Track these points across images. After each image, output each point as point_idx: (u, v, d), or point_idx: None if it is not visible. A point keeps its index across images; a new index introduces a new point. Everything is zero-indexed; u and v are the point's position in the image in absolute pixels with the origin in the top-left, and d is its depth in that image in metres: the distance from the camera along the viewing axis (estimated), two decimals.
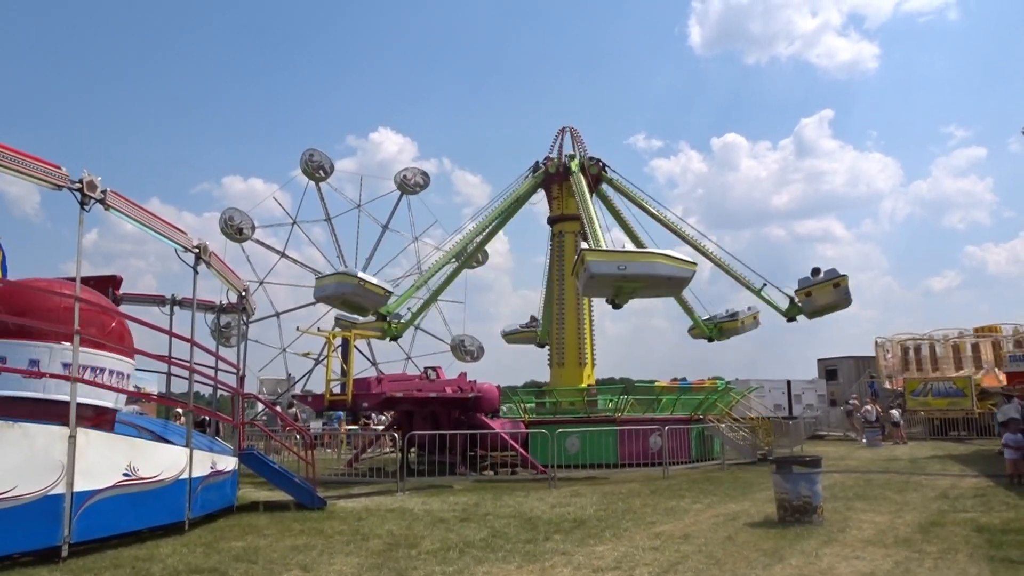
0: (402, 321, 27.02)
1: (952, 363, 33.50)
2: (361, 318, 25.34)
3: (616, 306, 21.12)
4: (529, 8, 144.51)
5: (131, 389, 21.12)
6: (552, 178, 25.93)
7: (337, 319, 29.46)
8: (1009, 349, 30.60)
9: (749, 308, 28.01)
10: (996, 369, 31.07)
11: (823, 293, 22.59)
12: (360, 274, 21.49)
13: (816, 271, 23.09)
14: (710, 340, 28.12)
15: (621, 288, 19.21)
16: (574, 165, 25.34)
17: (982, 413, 29.07)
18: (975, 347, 33.51)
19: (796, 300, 23.40)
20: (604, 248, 19.74)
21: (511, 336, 33.43)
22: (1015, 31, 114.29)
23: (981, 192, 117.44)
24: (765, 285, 24.50)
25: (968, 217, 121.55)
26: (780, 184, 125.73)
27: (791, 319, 23.88)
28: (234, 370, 13.39)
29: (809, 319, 23.69)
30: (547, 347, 27.72)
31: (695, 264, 19.67)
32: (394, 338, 27.52)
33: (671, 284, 19.46)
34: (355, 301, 21.91)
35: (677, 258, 19.34)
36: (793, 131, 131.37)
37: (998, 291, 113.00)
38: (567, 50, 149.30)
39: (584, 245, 19.67)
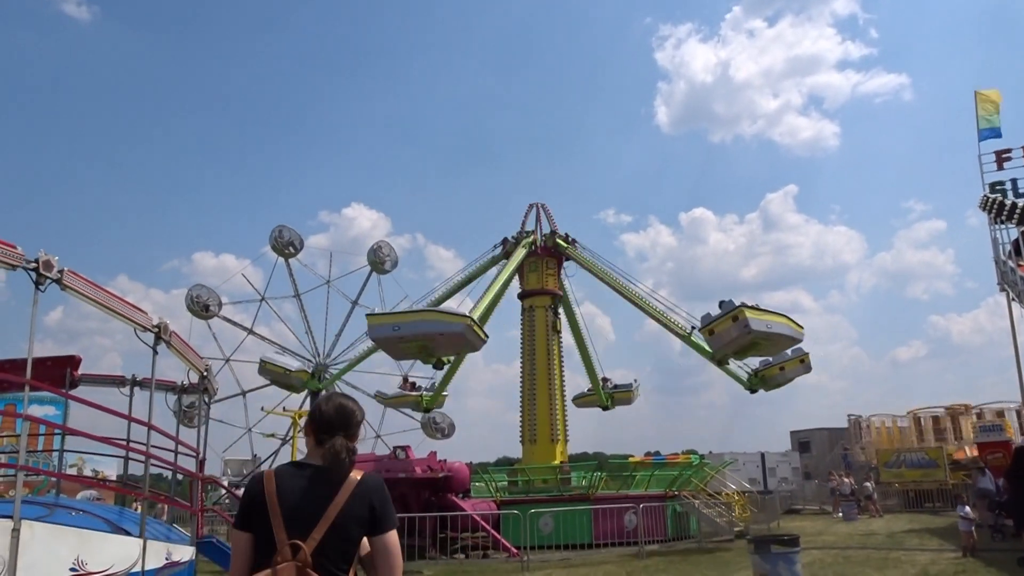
0: (431, 394, 28.81)
1: (925, 437, 33.43)
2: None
3: (436, 366, 22.42)
4: (502, 90, 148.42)
5: (88, 474, 20.43)
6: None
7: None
8: (977, 421, 30.77)
9: (793, 351, 23.82)
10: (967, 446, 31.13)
11: (723, 329, 20.70)
12: (264, 355, 25.59)
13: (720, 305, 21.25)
14: (752, 391, 24.66)
15: (404, 348, 19.90)
16: (523, 244, 26.49)
17: (955, 484, 28.99)
18: (953, 420, 33.45)
19: (700, 333, 22.13)
20: (384, 311, 21.11)
21: (577, 400, 31.34)
22: (965, 110, 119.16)
23: (943, 264, 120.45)
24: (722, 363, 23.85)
25: (931, 288, 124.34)
26: (748, 257, 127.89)
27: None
28: (193, 454, 12.89)
29: (738, 360, 22.67)
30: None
31: (465, 316, 19.74)
32: (426, 410, 30.11)
33: (450, 340, 19.60)
34: (279, 381, 25.84)
35: (446, 312, 19.95)
36: (759, 206, 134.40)
37: (963, 360, 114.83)
38: (539, 129, 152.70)
39: (374, 309, 21.47)
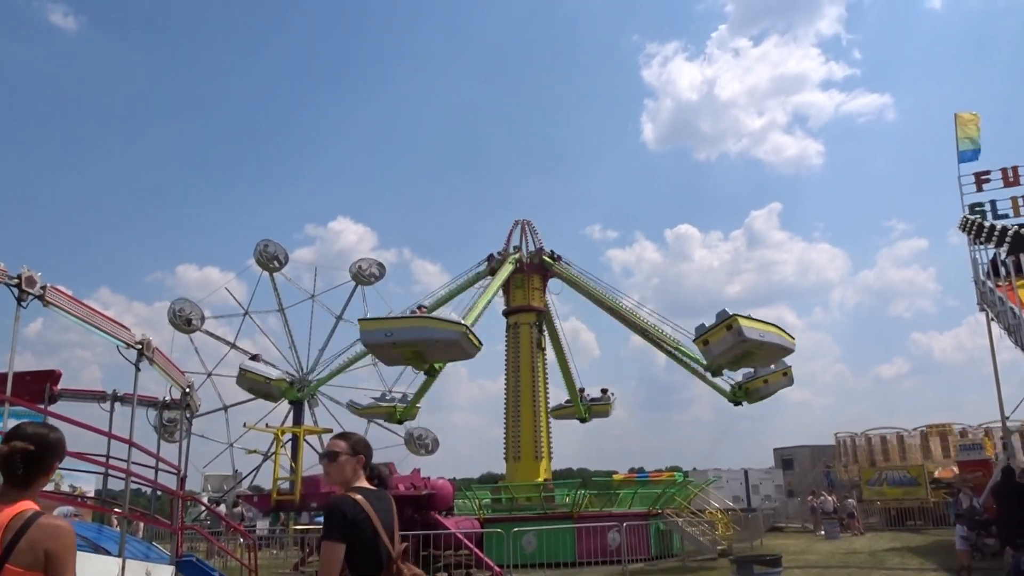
0: (405, 406, 28.72)
1: (907, 454, 33.63)
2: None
3: (428, 373, 24.06)
4: (490, 105, 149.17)
5: (65, 490, 20.17)
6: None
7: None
8: (959, 439, 31.13)
9: (776, 364, 23.95)
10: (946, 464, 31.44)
11: (718, 339, 20.47)
12: (243, 363, 24.44)
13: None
14: (736, 404, 24.84)
15: (396, 353, 20.61)
16: (510, 260, 26.62)
17: (936, 502, 29.19)
18: (924, 438, 33.72)
19: (695, 344, 22.00)
20: (376, 317, 21.62)
21: (555, 412, 31.87)
22: (946, 131, 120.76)
23: (924, 281, 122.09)
24: (717, 374, 24.43)
25: (914, 306, 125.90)
26: (732, 274, 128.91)
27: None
28: (174, 471, 12.78)
29: (732, 371, 23.04)
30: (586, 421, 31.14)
31: (460, 324, 20.05)
32: (399, 421, 29.76)
33: (445, 346, 19.94)
34: (258, 390, 25.61)
35: (441, 319, 20.42)
36: (744, 223, 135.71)
37: (945, 377, 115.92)
38: (526, 145, 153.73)
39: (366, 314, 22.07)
